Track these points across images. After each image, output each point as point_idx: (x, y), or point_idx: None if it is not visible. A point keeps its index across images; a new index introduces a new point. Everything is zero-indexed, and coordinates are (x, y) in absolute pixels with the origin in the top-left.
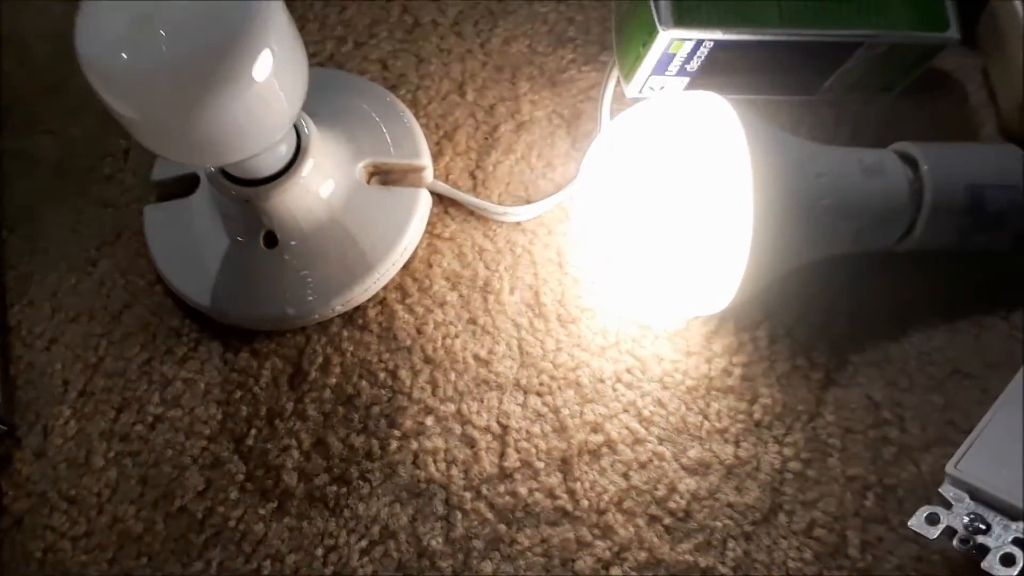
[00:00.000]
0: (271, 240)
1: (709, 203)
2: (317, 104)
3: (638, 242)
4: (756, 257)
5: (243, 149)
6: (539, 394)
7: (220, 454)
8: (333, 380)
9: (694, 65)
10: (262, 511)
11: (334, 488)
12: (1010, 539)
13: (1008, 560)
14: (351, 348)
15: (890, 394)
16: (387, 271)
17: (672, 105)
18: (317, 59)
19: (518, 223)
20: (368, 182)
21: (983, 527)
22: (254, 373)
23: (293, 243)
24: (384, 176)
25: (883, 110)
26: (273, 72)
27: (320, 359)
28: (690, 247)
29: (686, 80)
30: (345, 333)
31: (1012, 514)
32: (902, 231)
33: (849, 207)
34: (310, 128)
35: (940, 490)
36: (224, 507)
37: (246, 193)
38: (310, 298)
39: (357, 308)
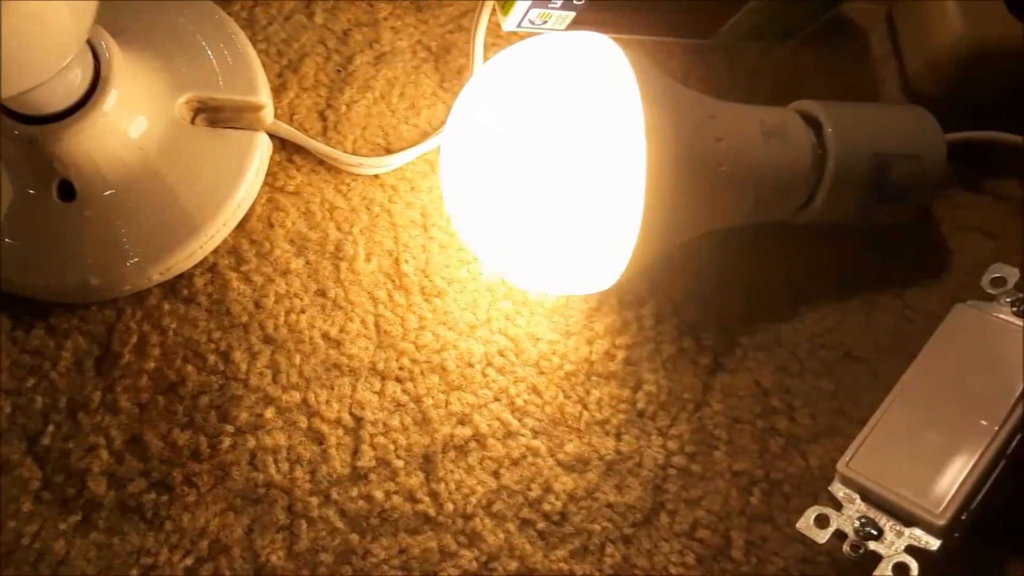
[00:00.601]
0: (67, 192)
1: (595, 164)
2: (123, 20)
3: (514, 204)
4: (647, 229)
5: (16, 78)
6: (399, 380)
7: (9, 456)
8: (151, 364)
9: None
10: (63, 525)
11: (152, 496)
12: (903, 547)
13: (901, 570)
14: (173, 325)
15: (779, 380)
16: (217, 232)
17: (556, 46)
18: None
19: (376, 176)
20: (192, 122)
21: (874, 532)
22: (51, 355)
23: (96, 196)
24: (212, 115)
25: (780, 60)
26: None
27: (135, 338)
28: (573, 214)
29: (571, 15)
30: (166, 306)
31: (905, 519)
32: (802, 201)
33: (749, 175)
34: (112, 51)
35: (830, 489)
36: (15, 521)
37: (30, 132)
38: (120, 264)
39: (181, 276)
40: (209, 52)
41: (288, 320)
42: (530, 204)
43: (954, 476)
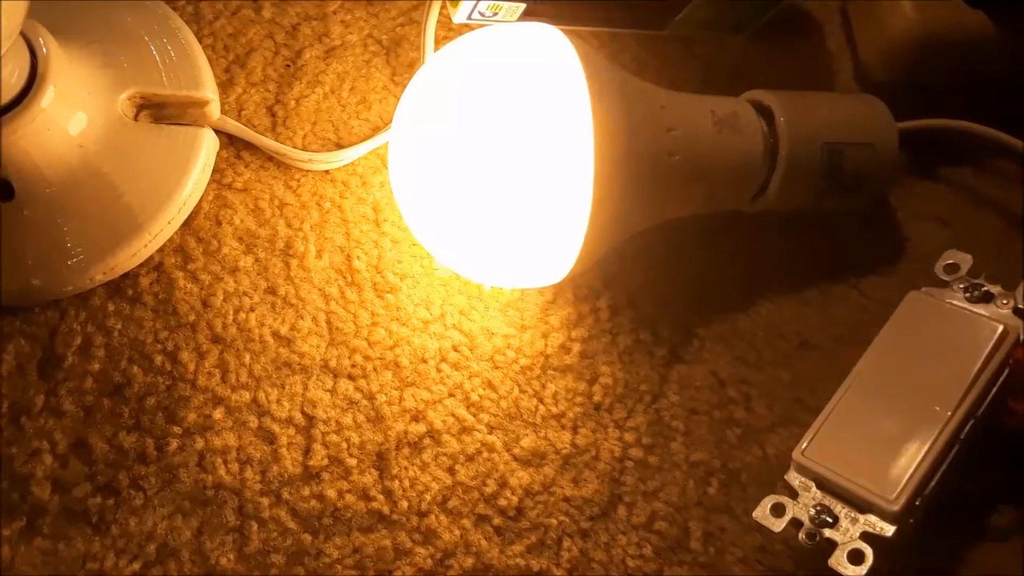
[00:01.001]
0: (5, 191)
1: (544, 156)
2: (64, 17)
3: (464, 198)
4: (598, 221)
5: None
6: (351, 377)
7: None
8: (96, 366)
9: None
10: (6, 532)
11: (98, 500)
12: (858, 533)
13: (857, 557)
14: (119, 326)
15: (736, 370)
16: (162, 230)
17: (502, 38)
18: None
19: (326, 172)
20: (136, 118)
21: (830, 520)
22: None
23: (35, 195)
24: (157, 111)
25: (735, 51)
26: None
27: (79, 340)
28: (523, 206)
29: (522, 6)
30: (111, 307)
31: (860, 505)
32: (755, 190)
33: (701, 165)
34: (49, 47)
35: (786, 477)
36: None
37: None
38: (62, 265)
39: (126, 276)
40: (152, 48)
41: (237, 319)
42: (480, 198)
43: (908, 462)
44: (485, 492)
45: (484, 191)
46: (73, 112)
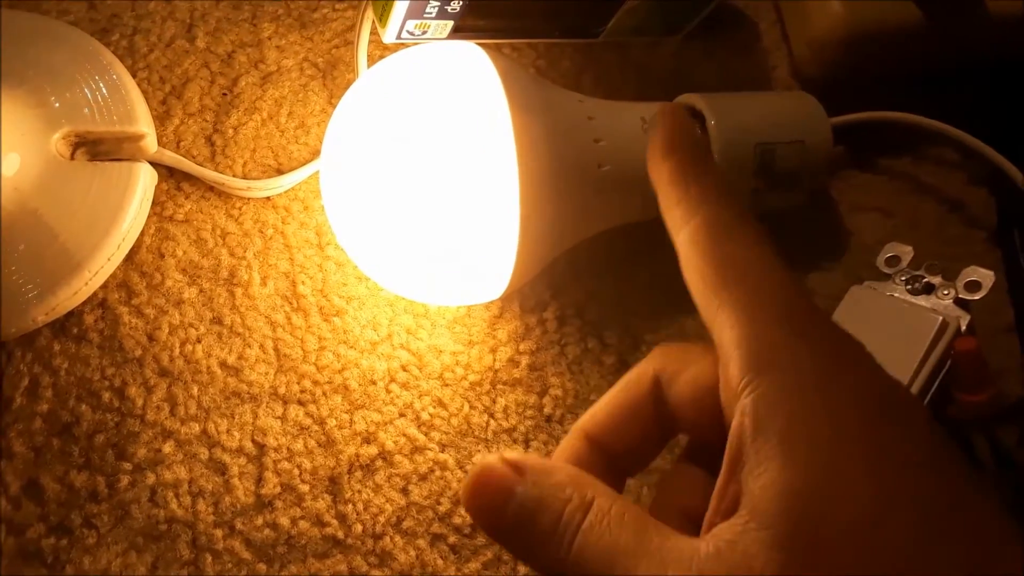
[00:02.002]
0: None
1: (472, 173)
2: None
3: (398, 220)
4: (530, 235)
5: None
6: (301, 403)
7: None
8: (44, 406)
9: (455, 6)
10: None
11: (52, 540)
12: None
13: None
14: (65, 365)
15: None
16: (103, 267)
17: (424, 59)
18: None
19: (268, 199)
20: (72, 157)
21: None
22: None
23: None
24: (92, 148)
25: (672, 54)
26: None
27: (26, 381)
28: (457, 225)
29: (450, 23)
30: (56, 346)
31: None
32: None
33: (632, 173)
34: None
35: None
36: None
37: None
38: (2, 308)
39: (70, 315)
40: (84, 85)
41: (184, 351)
42: (413, 220)
43: None
44: (439, 511)
45: (416, 213)
46: (5, 155)
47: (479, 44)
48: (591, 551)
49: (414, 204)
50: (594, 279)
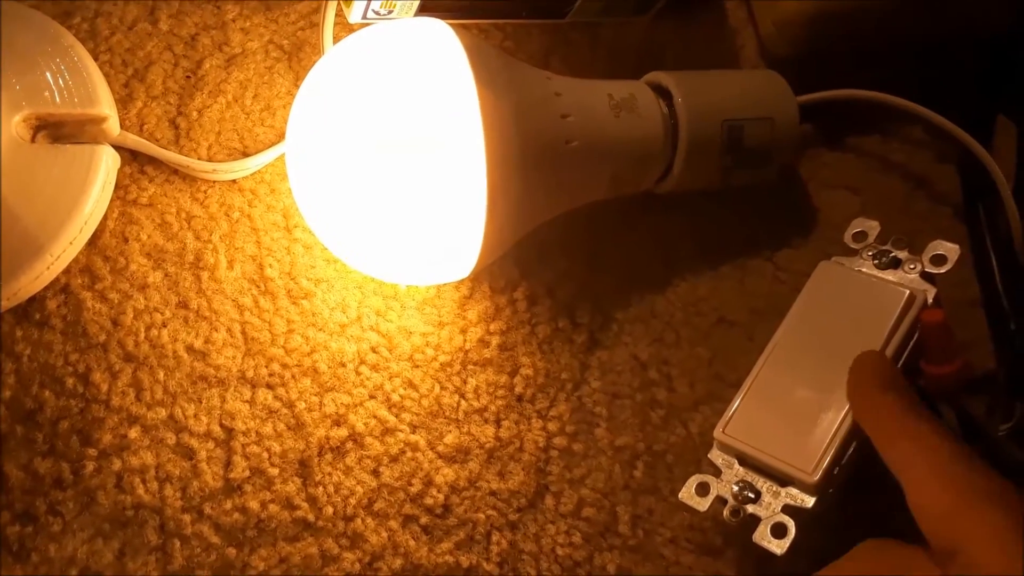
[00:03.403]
0: None
1: (439, 150)
2: None
3: (366, 199)
4: (497, 212)
5: None
6: (269, 387)
7: None
8: (7, 393)
9: None
10: None
11: (17, 528)
12: (780, 507)
13: (779, 531)
14: (28, 351)
15: (656, 351)
16: (65, 251)
17: (389, 35)
18: None
19: (233, 182)
20: (33, 140)
21: (752, 495)
22: None
23: None
24: (54, 131)
25: (640, 34)
26: None
27: None
28: (424, 203)
29: (416, 3)
30: (18, 333)
31: (780, 479)
32: (660, 172)
33: (601, 150)
34: None
35: (709, 455)
36: None
37: None
38: None
39: (32, 300)
40: (44, 68)
41: (149, 335)
42: (380, 198)
43: (824, 433)
44: (411, 492)
45: (383, 191)
46: None
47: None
48: None
49: (381, 183)
50: (564, 258)
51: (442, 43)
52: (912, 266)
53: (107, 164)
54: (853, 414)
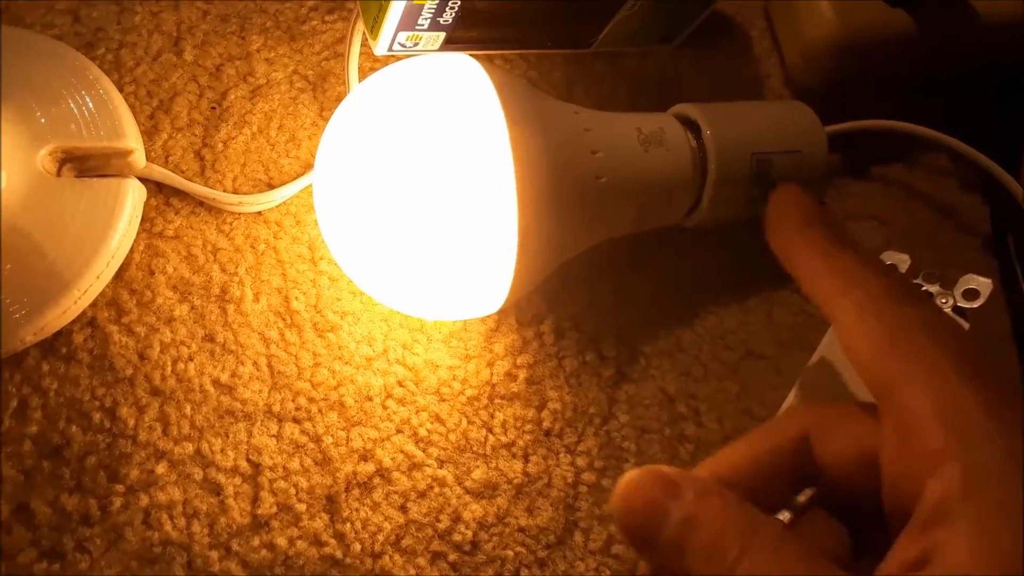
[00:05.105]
0: None
1: (469, 187)
2: None
3: (394, 234)
4: (528, 248)
5: None
6: (296, 421)
7: None
8: (34, 428)
9: (448, 17)
10: None
11: (44, 565)
12: None
13: None
14: (55, 386)
15: (684, 385)
16: (91, 286)
17: (422, 69)
18: None
19: (259, 213)
20: (59, 173)
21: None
22: None
23: None
24: (80, 164)
25: (664, 63)
26: None
27: (14, 403)
28: (454, 239)
29: (443, 35)
30: (45, 367)
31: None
32: (689, 205)
33: (630, 185)
34: None
35: None
36: None
37: None
38: None
39: (59, 334)
40: (70, 101)
41: (176, 369)
42: (408, 234)
43: None
44: (439, 528)
45: (412, 227)
46: None
47: (471, 56)
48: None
49: (409, 218)
50: (590, 291)
51: (472, 79)
52: (944, 301)
53: (134, 197)
54: (776, 253)
